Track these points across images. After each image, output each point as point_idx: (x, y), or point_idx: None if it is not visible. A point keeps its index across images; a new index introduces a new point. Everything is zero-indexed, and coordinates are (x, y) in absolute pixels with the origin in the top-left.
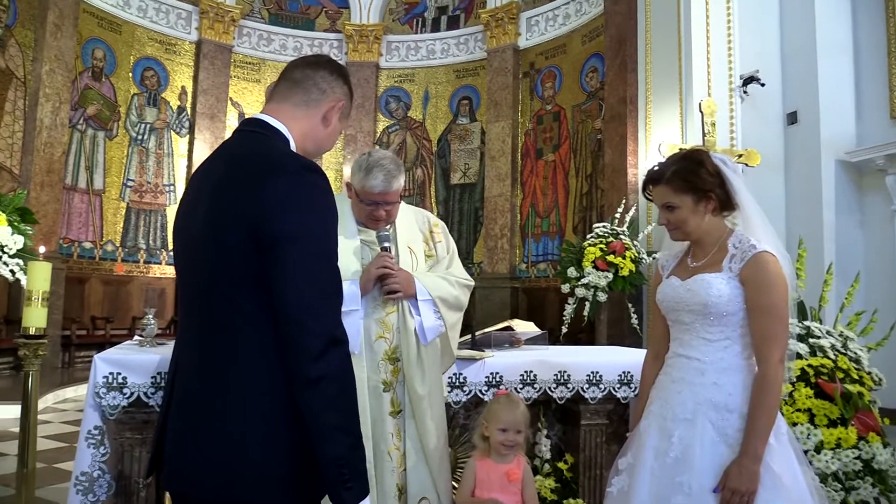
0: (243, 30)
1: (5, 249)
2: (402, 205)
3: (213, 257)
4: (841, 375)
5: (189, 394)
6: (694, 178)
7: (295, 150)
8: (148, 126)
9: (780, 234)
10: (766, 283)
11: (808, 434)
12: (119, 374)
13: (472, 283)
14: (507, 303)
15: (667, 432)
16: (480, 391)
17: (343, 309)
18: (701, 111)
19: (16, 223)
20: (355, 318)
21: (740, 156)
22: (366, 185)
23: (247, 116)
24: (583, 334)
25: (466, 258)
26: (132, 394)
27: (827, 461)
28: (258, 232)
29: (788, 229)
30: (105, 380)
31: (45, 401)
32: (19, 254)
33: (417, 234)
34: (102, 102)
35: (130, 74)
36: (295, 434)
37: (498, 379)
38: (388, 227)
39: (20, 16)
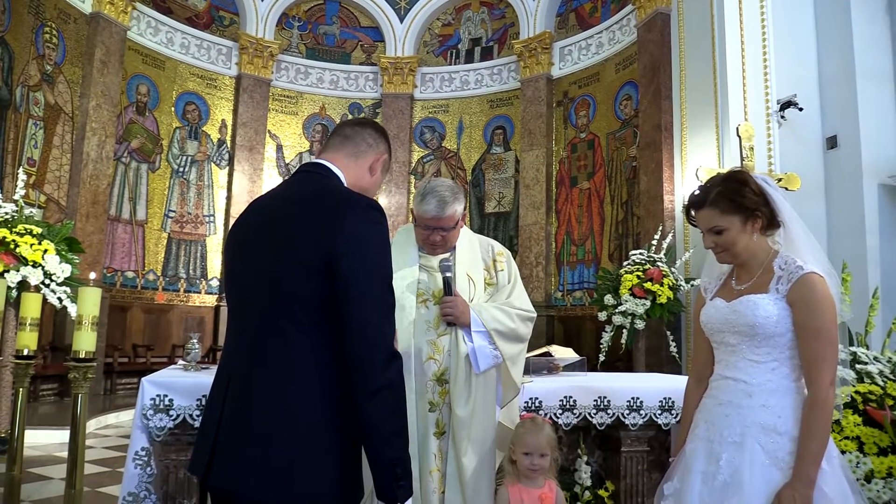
0: (281, 64)
1: (53, 277)
2: (467, 231)
3: (283, 278)
4: (890, 402)
5: (246, 401)
6: (740, 197)
7: None
8: (189, 158)
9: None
10: (815, 304)
11: (858, 462)
12: (166, 396)
13: (535, 314)
14: (543, 331)
15: (714, 456)
16: (520, 417)
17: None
18: (738, 135)
19: (63, 252)
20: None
21: (780, 180)
22: (420, 209)
23: (306, 161)
24: (620, 363)
25: None
26: (178, 416)
27: (878, 490)
28: (332, 258)
29: (831, 254)
30: (152, 402)
31: (88, 426)
32: (67, 282)
33: (479, 261)
34: (146, 136)
35: (173, 109)
36: (345, 444)
37: (537, 404)
38: (448, 256)
39: (69, 53)
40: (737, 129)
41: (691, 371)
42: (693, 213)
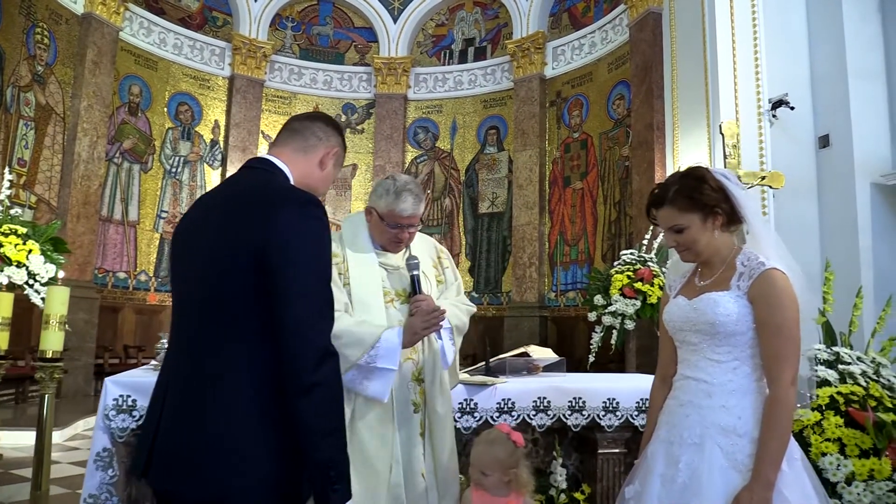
0: (275, 65)
1: (37, 278)
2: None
3: (219, 276)
4: (873, 403)
5: (182, 399)
6: (698, 194)
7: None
8: (182, 159)
9: (815, 259)
10: (775, 301)
11: (839, 465)
12: (129, 396)
13: (475, 308)
14: (536, 332)
15: (674, 458)
16: (492, 417)
17: (380, 364)
18: (721, 133)
19: (48, 252)
20: (389, 376)
21: (763, 178)
22: (395, 208)
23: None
24: (613, 364)
25: (495, 287)
26: (141, 416)
27: (859, 493)
28: (265, 255)
29: (823, 254)
30: (115, 402)
31: (76, 427)
32: (51, 282)
33: (428, 259)
34: (138, 136)
35: (165, 109)
36: (280, 439)
37: (510, 405)
38: (414, 254)
39: (60, 54)
40: (720, 126)
41: (657, 371)
42: (653, 211)
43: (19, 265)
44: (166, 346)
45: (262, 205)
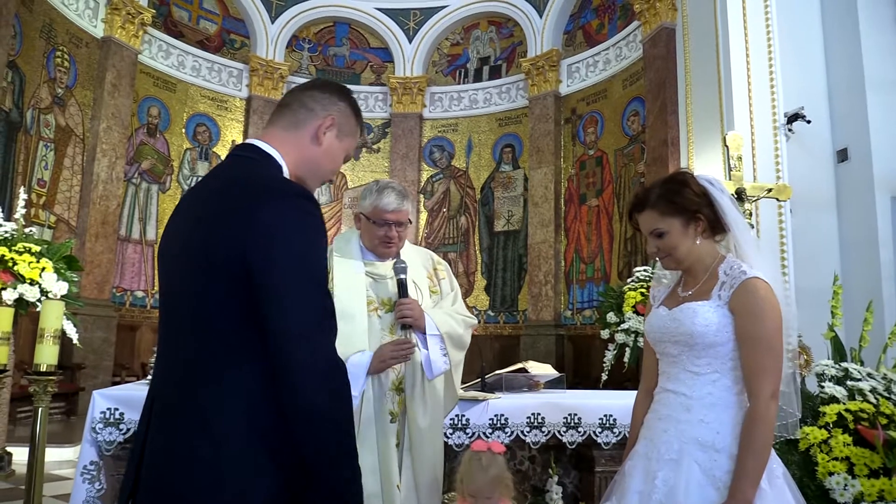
0: (291, 85)
1: (49, 295)
2: (408, 245)
3: (202, 284)
4: (884, 421)
5: (169, 418)
6: (679, 198)
7: (287, 175)
8: (199, 179)
9: (834, 275)
10: (756, 311)
11: (846, 485)
12: (116, 409)
13: (475, 321)
14: (553, 351)
15: (651, 474)
16: (484, 434)
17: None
18: (726, 145)
19: (62, 270)
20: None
21: (769, 190)
22: (379, 204)
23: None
24: (629, 382)
25: (511, 305)
26: (128, 430)
27: None
28: (248, 259)
29: (844, 268)
30: (102, 415)
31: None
32: (64, 299)
33: (422, 269)
34: (156, 157)
35: (183, 130)
36: (274, 462)
37: (503, 421)
38: (402, 260)
39: (80, 77)
40: (724, 138)
41: (640, 384)
42: (635, 216)
43: (32, 283)
44: None
45: (241, 201)
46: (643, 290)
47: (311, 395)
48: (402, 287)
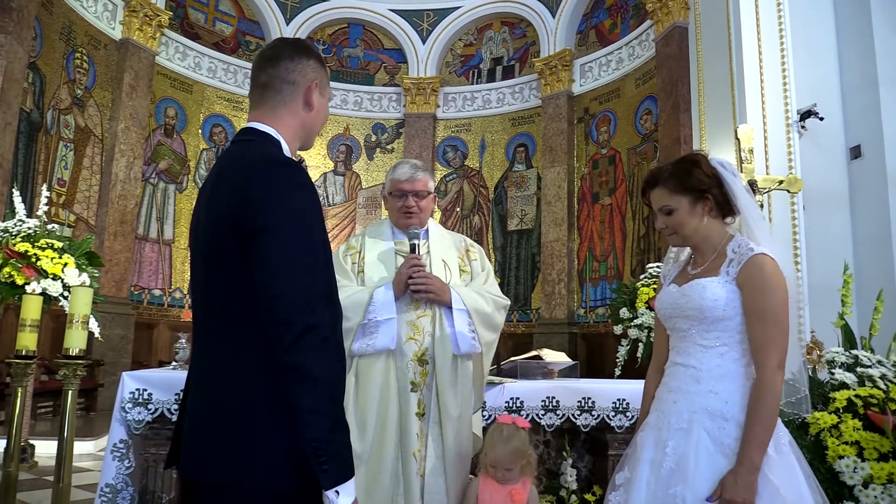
0: None
1: (72, 290)
2: (439, 226)
3: (211, 259)
4: (893, 407)
5: (199, 387)
6: (689, 178)
7: (287, 150)
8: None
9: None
10: (763, 285)
11: (855, 468)
12: (145, 390)
13: (508, 302)
14: (566, 348)
15: (662, 443)
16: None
17: (379, 317)
18: (737, 139)
19: (83, 265)
20: (391, 324)
21: (781, 182)
22: (394, 176)
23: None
24: (642, 379)
25: (524, 304)
26: (156, 409)
27: (876, 496)
28: (240, 226)
29: (856, 265)
30: (131, 395)
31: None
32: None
33: (453, 249)
34: (173, 157)
35: (200, 131)
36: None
37: (518, 404)
38: (419, 229)
39: (98, 78)
40: (735, 131)
41: (651, 360)
42: (648, 192)
43: (55, 278)
44: (185, 344)
45: (237, 175)
46: (656, 287)
47: (289, 352)
48: (414, 250)
